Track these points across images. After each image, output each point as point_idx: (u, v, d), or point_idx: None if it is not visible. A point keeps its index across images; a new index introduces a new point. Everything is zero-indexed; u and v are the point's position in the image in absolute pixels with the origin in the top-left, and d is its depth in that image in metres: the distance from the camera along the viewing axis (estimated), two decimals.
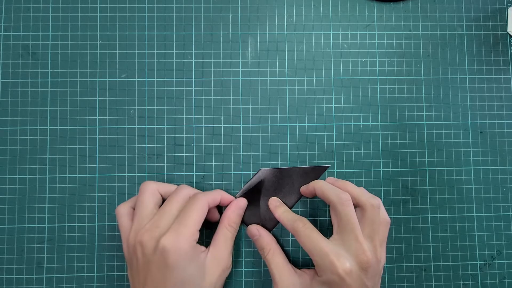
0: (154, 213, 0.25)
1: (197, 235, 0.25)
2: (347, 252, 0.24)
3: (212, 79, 0.31)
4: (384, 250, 0.26)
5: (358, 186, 0.31)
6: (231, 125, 0.31)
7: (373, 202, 0.25)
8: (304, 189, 0.29)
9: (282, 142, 0.31)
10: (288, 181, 0.29)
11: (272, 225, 0.29)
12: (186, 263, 0.24)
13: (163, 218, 0.25)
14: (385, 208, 0.31)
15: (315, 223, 0.30)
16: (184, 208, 0.25)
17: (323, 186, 0.27)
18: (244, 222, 0.30)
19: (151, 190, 0.26)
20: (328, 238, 0.25)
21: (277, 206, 0.28)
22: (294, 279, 0.26)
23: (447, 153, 0.31)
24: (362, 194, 0.26)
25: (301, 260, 0.30)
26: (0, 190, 0.30)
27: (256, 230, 0.28)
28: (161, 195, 0.27)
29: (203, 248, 0.26)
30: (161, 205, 0.27)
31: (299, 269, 0.27)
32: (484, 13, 0.33)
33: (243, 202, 0.29)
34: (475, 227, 0.31)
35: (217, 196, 0.28)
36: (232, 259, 0.28)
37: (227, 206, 0.29)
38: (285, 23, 0.32)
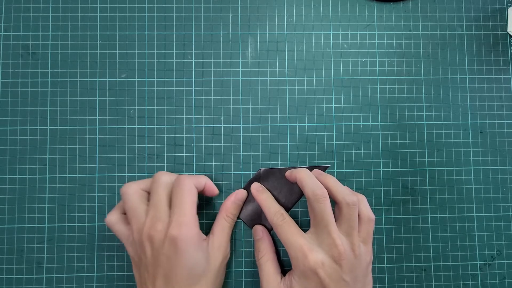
0: (146, 210, 0.25)
1: (197, 218, 0.26)
2: (319, 246, 0.24)
3: (212, 79, 0.31)
4: (369, 247, 0.26)
5: (359, 186, 0.31)
6: (231, 125, 0.31)
7: (349, 200, 0.25)
8: (288, 173, 0.29)
9: (282, 142, 0.31)
10: (288, 181, 0.29)
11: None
12: (194, 249, 0.24)
13: (159, 211, 0.25)
14: (385, 208, 0.31)
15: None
16: (174, 194, 0.25)
17: (304, 178, 0.26)
18: (244, 221, 0.30)
19: (134, 191, 0.26)
20: (305, 232, 0.26)
21: (259, 191, 0.29)
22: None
23: (447, 153, 0.31)
24: (339, 191, 0.26)
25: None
26: (0, 190, 0.30)
27: (260, 231, 0.29)
28: (145, 191, 0.27)
29: (204, 236, 0.27)
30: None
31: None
32: (484, 13, 0.33)
33: (242, 194, 0.29)
34: (475, 227, 0.31)
35: (202, 180, 0.28)
36: (231, 249, 0.28)
37: (207, 194, 0.29)
38: (285, 23, 0.32)
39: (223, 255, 0.27)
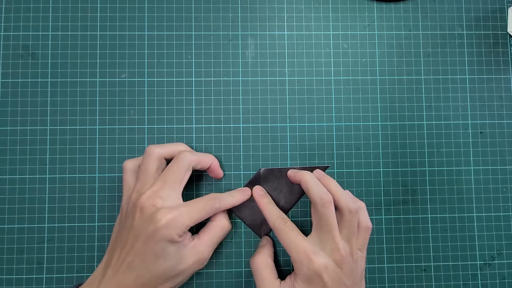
0: (156, 177, 0.26)
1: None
2: (322, 250, 0.25)
3: (212, 79, 0.31)
4: (364, 255, 0.26)
5: (359, 186, 0.31)
6: (231, 125, 0.31)
7: (351, 207, 0.25)
8: (291, 173, 0.28)
9: (282, 142, 0.31)
10: (288, 181, 0.29)
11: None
12: (167, 243, 0.24)
13: (163, 189, 0.25)
14: (385, 208, 0.31)
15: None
16: (168, 167, 0.26)
17: (309, 182, 0.26)
18: (244, 221, 0.30)
19: (155, 155, 0.27)
20: (306, 236, 0.26)
21: (261, 196, 0.28)
22: None
23: (447, 153, 0.31)
24: (342, 197, 0.26)
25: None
26: (0, 190, 0.30)
27: (266, 240, 0.29)
28: (166, 159, 0.27)
29: (189, 235, 0.26)
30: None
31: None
32: (484, 13, 0.33)
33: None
34: (475, 227, 0.31)
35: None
36: (213, 255, 0.28)
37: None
38: (285, 23, 0.32)
39: (199, 259, 0.26)
